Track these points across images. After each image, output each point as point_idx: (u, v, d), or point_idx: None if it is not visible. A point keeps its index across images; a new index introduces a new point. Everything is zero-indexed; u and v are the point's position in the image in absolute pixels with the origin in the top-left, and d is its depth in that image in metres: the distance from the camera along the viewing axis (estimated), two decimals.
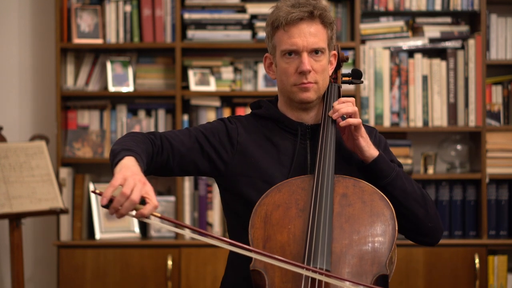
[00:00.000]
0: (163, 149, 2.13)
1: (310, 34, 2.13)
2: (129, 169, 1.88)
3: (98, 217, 4.08)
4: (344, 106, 2.13)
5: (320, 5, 2.17)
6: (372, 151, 2.14)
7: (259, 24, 4.13)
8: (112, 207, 1.82)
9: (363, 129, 2.13)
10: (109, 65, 4.17)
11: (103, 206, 1.82)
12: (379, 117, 4.14)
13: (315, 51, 2.14)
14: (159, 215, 1.85)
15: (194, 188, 4.15)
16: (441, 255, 3.97)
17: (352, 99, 2.16)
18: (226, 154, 2.19)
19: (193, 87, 4.14)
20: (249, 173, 2.17)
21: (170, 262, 3.95)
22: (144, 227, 4.18)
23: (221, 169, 2.20)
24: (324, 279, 1.87)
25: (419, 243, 2.23)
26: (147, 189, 1.84)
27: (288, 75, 2.16)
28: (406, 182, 2.15)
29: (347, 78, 2.34)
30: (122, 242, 4.03)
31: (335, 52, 2.25)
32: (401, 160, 4.04)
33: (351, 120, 2.11)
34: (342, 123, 2.11)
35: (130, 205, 1.81)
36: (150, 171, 2.12)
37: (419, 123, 4.15)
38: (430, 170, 4.17)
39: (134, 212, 1.84)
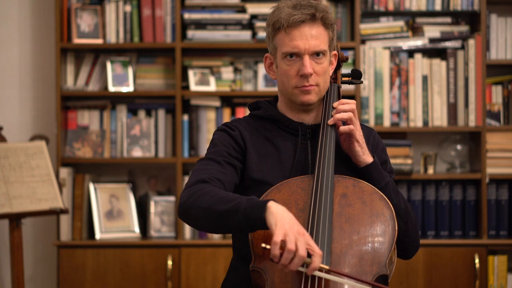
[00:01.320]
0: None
1: (311, 37, 2.13)
2: (284, 220, 1.87)
3: (98, 217, 4.08)
4: (342, 108, 2.14)
5: (321, 7, 2.16)
6: (366, 157, 2.14)
7: (259, 24, 4.13)
8: (281, 264, 1.84)
9: (358, 135, 2.13)
10: (109, 65, 4.17)
11: (275, 262, 1.85)
12: (379, 117, 4.14)
13: (317, 54, 2.14)
14: (326, 267, 1.87)
15: None
16: (441, 255, 3.97)
17: (353, 101, 2.16)
18: (243, 161, 2.19)
19: (193, 87, 4.14)
20: (252, 175, 2.17)
21: (170, 262, 3.95)
22: (144, 227, 4.18)
23: (243, 175, 2.20)
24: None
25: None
26: (307, 240, 1.85)
27: (289, 77, 2.16)
28: (393, 194, 2.14)
29: (346, 78, 2.34)
30: (122, 242, 4.03)
31: (335, 52, 2.25)
32: (401, 160, 4.06)
33: (342, 128, 2.12)
34: (343, 128, 2.12)
35: (299, 261, 1.83)
36: None
37: (419, 123, 4.15)
38: (430, 170, 4.16)
39: (303, 268, 1.86)
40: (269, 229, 1.87)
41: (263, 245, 1.85)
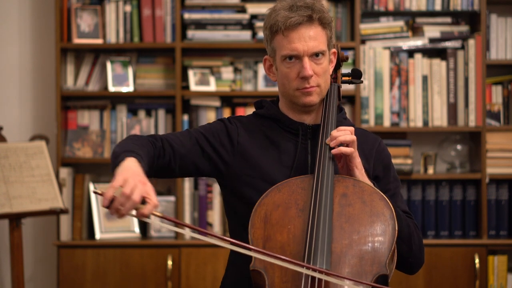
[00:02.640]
0: (164, 151, 2.14)
1: (309, 38, 2.12)
2: (130, 170, 1.89)
3: (98, 217, 4.08)
4: (343, 134, 2.09)
5: (318, 6, 2.15)
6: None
7: (259, 24, 4.13)
8: (113, 208, 1.84)
9: (358, 160, 2.09)
10: (109, 65, 4.17)
11: (105, 207, 1.84)
12: (379, 117, 4.14)
13: (316, 54, 2.14)
14: (159, 214, 1.86)
15: (194, 188, 4.16)
16: (441, 255, 3.97)
17: (351, 128, 2.11)
18: (227, 155, 2.19)
19: (193, 87, 4.14)
20: (250, 173, 2.17)
21: (170, 262, 3.95)
22: (144, 227, 4.18)
23: (221, 169, 2.20)
24: (323, 277, 1.87)
25: (397, 270, 2.22)
26: (147, 189, 1.85)
27: (290, 80, 2.15)
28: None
29: (347, 78, 2.33)
30: (122, 242, 4.03)
31: (335, 50, 2.24)
32: (401, 160, 4.06)
33: (343, 149, 2.06)
34: (334, 151, 2.07)
35: (131, 205, 1.83)
36: (152, 173, 2.13)
37: (419, 123, 4.15)
38: (430, 170, 4.16)
39: (134, 212, 1.84)
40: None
41: (94, 189, 1.86)
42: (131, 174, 1.86)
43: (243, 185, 2.17)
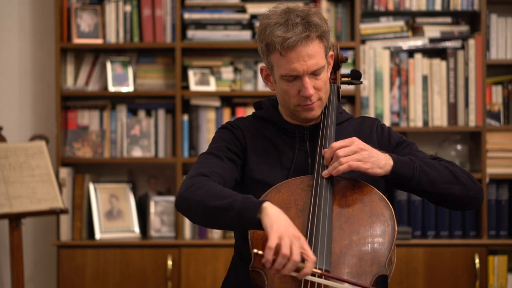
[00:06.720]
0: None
1: (308, 57, 2.06)
2: (280, 223, 1.85)
3: (98, 217, 4.08)
4: (349, 151, 2.03)
5: (314, 20, 2.07)
6: (385, 166, 2.05)
7: (259, 24, 4.12)
8: (274, 269, 1.83)
9: (357, 164, 2.02)
10: (109, 65, 4.17)
11: (267, 269, 1.84)
12: (379, 117, 4.14)
13: (315, 70, 2.09)
14: (319, 271, 1.86)
15: None
16: (441, 255, 3.97)
17: (347, 140, 2.06)
18: (243, 158, 2.19)
19: (193, 87, 4.14)
20: (252, 175, 2.17)
21: (170, 262, 3.95)
22: (144, 227, 4.18)
23: (244, 175, 2.19)
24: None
25: (467, 210, 2.19)
26: (302, 244, 1.84)
27: (290, 96, 2.13)
28: (430, 171, 2.07)
29: (346, 79, 2.33)
30: (122, 242, 4.03)
31: (332, 53, 2.22)
32: None
33: (337, 168, 2.02)
34: (325, 174, 2.05)
35: (293, 266, 1.82)
36: None
37: (419, 123, 4.15)
38: None
39: (295, 274, 1.84)
40: (264, 230, 1.86)
41: (255, 250, 1.83)
42: (284, 229, 1.83)
43: (247, 186, 2.17)
